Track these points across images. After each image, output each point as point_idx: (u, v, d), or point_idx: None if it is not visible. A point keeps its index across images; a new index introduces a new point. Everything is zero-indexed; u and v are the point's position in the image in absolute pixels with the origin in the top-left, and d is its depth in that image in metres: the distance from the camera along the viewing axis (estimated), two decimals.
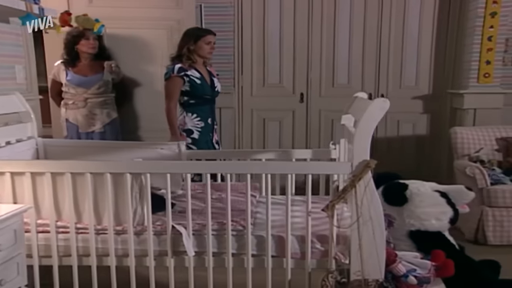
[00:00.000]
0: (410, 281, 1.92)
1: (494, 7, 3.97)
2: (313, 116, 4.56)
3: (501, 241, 3.34)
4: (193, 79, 3.23)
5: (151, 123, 4.27)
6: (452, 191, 2.40)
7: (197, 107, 3.28)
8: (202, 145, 3.27)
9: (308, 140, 4.63)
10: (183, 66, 3.22)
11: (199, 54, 3.29)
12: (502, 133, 3.83)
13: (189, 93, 3.26)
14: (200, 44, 3.27)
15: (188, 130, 3.28)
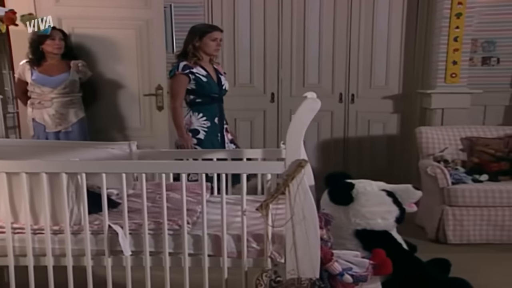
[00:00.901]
0: (346, 279, 1.93)
1: (459, 8, 4.00)
2: (284, 116, 4.57)
3: (461, 240, 3.36)
4: (199, 77, 3.13)
5: (121, 122, 4.28)
6: (399, 190, 2.41)
7: (203, 106, 3.16)
8: (207, 146, 3.16)
9: (279, 139, 4.62)
10: (188, 64, 3.13)
11: (205, 51, 3.18)
12: (467, 132, 3.86)
13: (195, 91, 3.17)
14: (205, 40, 3.16)
15: (194, 130, 3.18)
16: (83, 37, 4.01)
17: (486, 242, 3.36)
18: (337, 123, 4.55)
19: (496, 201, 3.31)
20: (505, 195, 3.30)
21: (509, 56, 4.53)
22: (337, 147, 4.59)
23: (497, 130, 3.88)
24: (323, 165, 4.59)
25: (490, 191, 3.31)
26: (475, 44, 4.52)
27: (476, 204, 3.31)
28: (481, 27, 4.44)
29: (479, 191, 3.32)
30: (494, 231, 3.35)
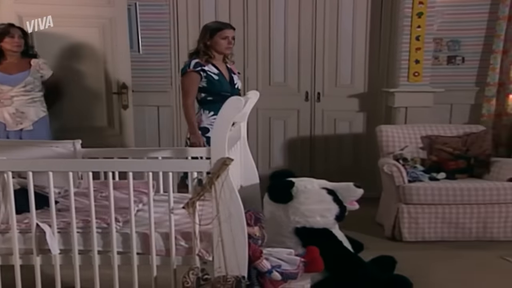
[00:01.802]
0: (274, 276, 1.95)
1: (420, 7, 4.03)
2: (251, 115, 4.54)
3: (416, 237, 3.39)
4: (210, 75, 3.11)
5: (87, 121, 4.27)
6: (340, 188, 2.43)
7: (214, 105, 3.08)
8: None
9: None
10: (200, 61, 3.11)
11: (216, 50, 3.15)
12: (428, 131, 3.89)
13: (206, 89, 3.14)
14: (216, 39, 3.13)
15: (203, 128, 3.14)
16: (45, 36, 3.99)
17: (441, 239, 3.39)
18: (303, 122, 4.57)
19: (450, 199, 3.33)
20: (459, 192, 3.33)
21: (473, 55, 4.57)
22: (303, 146, 4.61)
23: (457, 129, 3.91)
24: (289, 164, 4.61)
25: (445, 189, 3.34)
26: (440, 43, 4.56)
27: (431, 202, 3.34)
28: (446, 27, 4.47)
29: (434, 189, 3.34)
30: (449, 228, 3.38)
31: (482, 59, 4.55)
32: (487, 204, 3.35)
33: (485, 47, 4.52)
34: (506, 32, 4.39)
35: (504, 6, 4.32)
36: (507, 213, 3.36)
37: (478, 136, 3.75)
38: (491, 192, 3.32)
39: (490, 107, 4.55)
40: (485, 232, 3.37)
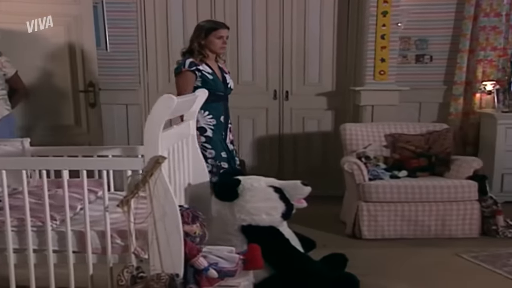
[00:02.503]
0: (211, 274, 1.95)
1: (385, 6, 4.05)
2: None
3: (376, 235, 3.41)
4: (205, 75, 3.09)
5: (53, 119, 4.25)
6: (287, 186, 2.43)
7: (209, 104, 3.06)
8: (217, 144, 3.13)
9: None
10: (194, 61, 3.08)
11: (211, 49, 3.14)
12: (392, 129, 3.91)
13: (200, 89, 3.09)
14: (211, 38, 3.11)
15: (201, 128, 3.10)
16: (9, 33, 3.96)
17: (400, 237, 3.41)
18: (272, 120, 4.57)
19: (409, 197, 3.36)
20: (417, 190, 3.36)
21: (441, 54, 4.60)
22: (272, 144, 4.61)
23: (421, 127, 3.94)
24: (258, 162, 4.62)
25: (403, 187, 3.36)
26: (409, 42, 4.59)
27: (390, 200, 3.37)
28: (414, 26, 4.50)
29: (393, 187, 3.37)
30: (408, 226, 3.41)
31: (450, 58, 4.59)
32: (446, 202, 3.39)
33: (452, 46, 4.57)
34: (472, 32, 4.44)
35: (469, 6, 4.36)
36: (465, 211, 3.39)
37: (440, 135, 3.78)
38: (449, 190, 3.36)
39: (458, 106, 4.59)
40: (444, 230, 3.40)
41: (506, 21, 4.39)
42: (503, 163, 4.25)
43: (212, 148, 3.10)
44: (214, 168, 3.05)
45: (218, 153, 3.12)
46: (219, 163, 3.09)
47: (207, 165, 3.02)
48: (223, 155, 3.13)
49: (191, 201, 2.51)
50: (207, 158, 3.06)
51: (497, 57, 4.45)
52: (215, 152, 3.12)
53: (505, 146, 4.23)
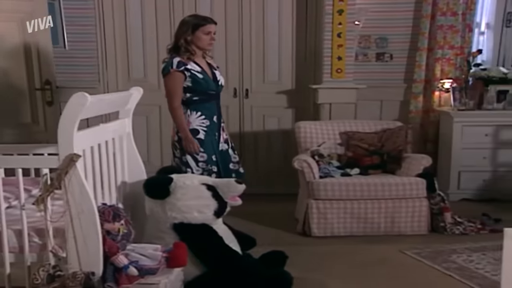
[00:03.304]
0: (130, 272, 1.95)
1: (340, 4, 4.07)
2: None
3: (325, 232, 3.42)
4: (194, 74, 2.93)
5: (9, 118, 4.19)
6: (221, 184, 2.44)
7: (201, 104, 2.97)
8: (208, 146, 2.99)
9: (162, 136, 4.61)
10: (182, 60, 2.91)
11: (198, 46, 2.97)
12: (347, 127, 3.93)
13: (191, 89, 2.95)
14: (198, 34, 2.94)
15: (193, 130, 2.97)
16: None
17: (350, 234, 3.43)
18: (232, 118, 4.56)
19: (357, 194, 3.38)
20: (366, 188, 3.38)
21: (401, 52, 4.63)
22: (233, 142, 4.60)
23: (376, 125, 3.96)
24: None
25: (352, 185, 3.38)
26: (369, 40, 4.61)
27: (339, 197, 3.38)
28: (374, 24, 4.53)
29: (341, 184, 3.39)
30: (358, 223, 3.43)
31: (409, 56, 4.62)
32: (395, 199, 3.41)
33: (411, 44, 4.60)
34: (430, 30, 4.47)
35: (426, 5, 4.40)
36: (414, 208, 3.43)
37: (393, 133, 3.81)
38: (397, 187, 3.39)
39: (418, 104, 4.62)
40: (393, 227, 3.43)
41: (463, 20, 4.43)
42: (459, 160, 4.30)
43: (204, 152, 2.97)
44: (205, 172, 2.94)
45: (209, 156, 3.00)
46: (211, 166, 2.99)
47: (197, 168, 2.93)
48: (214, 158, 3.02)
49: (128, 199, 2.51)
50: (198, 161, 2.96)
51: (454, 56, 4.49)
52: (207, 155, 2.99)
53: (461, 144, 4.28)
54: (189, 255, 2.32)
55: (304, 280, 2.68)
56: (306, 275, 2.78)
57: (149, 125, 4.60)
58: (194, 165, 2.96)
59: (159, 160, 4.63)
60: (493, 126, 4.25)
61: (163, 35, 4.41)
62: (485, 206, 4.15)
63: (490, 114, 4.27)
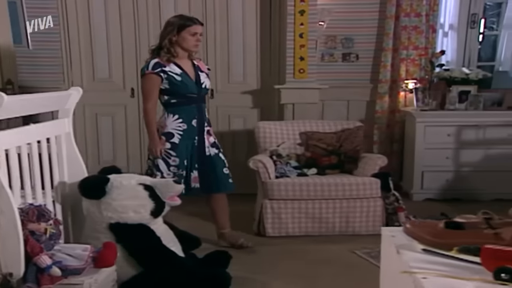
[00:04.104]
0: (53, 272, 1.94)
1: (302, 5, 4.08)
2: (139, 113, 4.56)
3: (280, 232, 3.43)
4: (171, 76, 2.86)
5: None
6: (159, 184, 2.44)
7: (179, 107, 2.92)
8: (182, 151, 2.95)
9: (141, 135, 4.61)
10: (160, 61, 2.87)
11: (183, 47, 2.92)
12: (307, 127, 3.94)
13: (169, 91, 2.91)
14: (184, 35, 2.89)
15: (168, 134, 2.93)
16: None
17: (305, 234, 3.44)
18: None
19: (311, 194, 3.39)
20: (319, 188, 3.39)
21: (367, 52, 4.65)
22: None
23: (336, 125, 3.97)
24: None
25: (305, 185, 3.39)
26: (335, 40, 4.63)
27: (292, 197, 3.39)
28: (339, 24, 4.54)
29: (295, 184, 3.39)
30: (313, 223, 3.44)
31: (375, 56, 4.64)
32: (350, 199, 3.42)
33: (377, 44, 4.61)
34: (395, 31, 4.49)
35: (390, 6, 4.41)
36: (368, 208, 3.44)
37: (351, 133, 3.82)
38: (350, 187, 3.40)
39: (383, 104, 4.64)
40: (348, 227, 3.44)
41: (426, 21, 4.45)
42: (422, 160, 4.32)
43: (177, 156, 2.94)
44: (176, 177, 2.84)
45: (181, 161, 2.96)
46: (182, 171, 2.97)
47: (168, 172, 2.91)
48: (185, 163, 2.99)
49: (67, 200, 2.51)
50: (170, 165, 2.94)
51: (419, 56, 4.51)
52: (179, 160, 2.96)
53: (424, 144, 4.30)
54: (125, 255, 2.34)
55: (248, 280, 2.69)
56: (252, 275, 2.79)
57: (115, 126, 4.60)
58: (166, 169, 2.95)
59: (125, 161, 4.64)
60: (455, 126, 4.27)
61: (128, 35, 4.42)
62: (447, 206, 4.16)
63: (452, 114, 4.29)
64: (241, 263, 2.99)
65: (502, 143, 4.20)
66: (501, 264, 0.90)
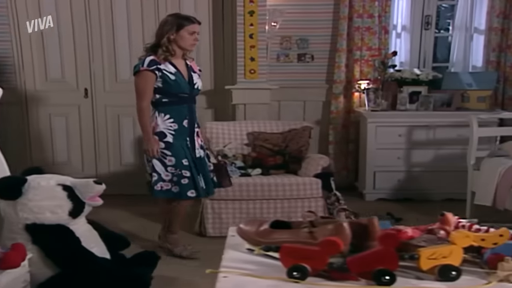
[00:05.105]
0: None
1: (251, 5, 4.09)
2: (99, 111, 4.56)
3: (220, 232, 3.42)
4: (166, 74, 2.82)
5: None
6: (78, 184, 2.42)
7: (171, 107, 2.88)
8: (178, 150, 2.90)
9: (95, 135, 4.60)
10: (156, 59, 2.81)
11: (180, 46, 2.87)
12: (255, 127, 3.95)
13: (161, 90, 2.85)
14: (182, 33, 2.84)
15: (160, 133, 2.88)
16: None
17: None
18: None
19: (251, 194, 3.40)
20: (259, 188, 3.40)
21: (322, 53, 4.67)
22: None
23: (283, 125, 3.98)
24: (141, 160, 4.58)
25: (245, 185, 3.40)
26: (290, 41, 4.65)
27: (233, 197, 3.40)
28: (294, 25, 4.56)
29: (235, 185, 3.39)
30: None
31: (330, 57, 4.66)
32: (291, 199, 3.44)
33: (332, 45, 4.64)
34: (348, 32, 4.51)
35: (343, 7, 4.43)
36: (310, 208, 3.43)
37: (297, 133, 3.83)
38: (291, 187, 3.41)
39: (338, 104, 4.66)
40: None
41: (379, 22, 4.47)
42: (374, 160, 4.35)
43: (172, 155, 2.88)
44: (175, 177, 2.88)
45: (179, 160, 2.90)
46: (180, 171, 2.89)
47: (166, 174, 2.87)
48: (185, 162, 2.91)
49: None
50: (167, 166, 2.88)
51: (372, 57, 4.53)
52: (176, 159, 2.90)
53: (375, 144, 4.32)
54: (42, 256, 2.33)
55: (177, 280, 2.70)
56: (181, 274, 2.79)
57: (69, 126, 4.58)
58: (163, 170, 2.90)
59: (80, 162, 4.63)
60: (406, 127, 4.31)
61: (80, 34, 4.40)
62: (399, 206, 4.21)
63: (403, 115, 4.32)
64: (176, 263, 3.01)
65: (452, 143, 4.23)
66: (296, 262, 0.91)
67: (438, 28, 5.27)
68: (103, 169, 4.60)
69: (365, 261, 0.90)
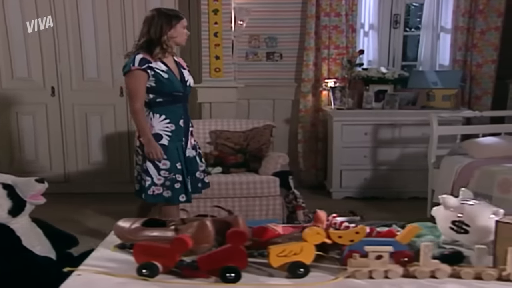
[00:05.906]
0: None
1: (215, 4, 4.09)
2: (67, 111, 4.55)
3: None
4: (158, 73, 2.64)
5: None
6: (20, 183, 2.41)
7: (166, 107, 2.71)
8: (172, 153, 2.74)
9: (64, 135, 4.59)
10: (146, 57, 2.61)
11: (177, 41, 2.72)
12: (218, 126, 3.95)
13: (155, 89, 2.67)
14: (178, 28, 2.67)
15: (156, 135, 2.70)
16: None
17: None
18: (120, 117, 4.56)
19: (208, 193, 3.35)
20: (217, 186, 3.39)
21: (290, 51, 4.68)
22: (122, 140, 4.60)
23: (247, 124, 3.99)
24: (108, 158, 4.62)
25: None
26: (258, 39, 4.65)
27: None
28: (263, 24, 4.57)
29: None
30: None
31: (298, 55, 4.67)
32: (249, 198, 3.44)
33: (300, 44, 4.65)
34: (316, 30, 4.51)
35: (311, 5, 4.44)
36: (268, 206, 3.46)
37: (258, 131, 3.84)
38: (248, 185, 3.42)
39: (307, 103, 4.67)
40: None
41: (346, 21, 4.48)
42: (340, 159, 4.36)
43: (167, 159, 2.72)
44: (167, 181, 2.73)
45: (173, 164, 2.75)
46: (174, 175, 2.75)
47: (159, 177, 2.72)
48: (178, 166, 2.76)
49: None
50: (160, 169, 2.73)
51: (340, 56, 4.54)
52: (170, 163, 2.74)
53: (341, 143, 4.33)
54: None
55: None
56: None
57: (36, 124, 4.56)
58: (155, 173, 2.74)
59: (48, 160, 4.62)
60: (372, 125, 4.32)
61: (46, 32, 4.38)
62: (365, 204, 4.21)
63: (369, 113, 4.33)
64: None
65: (417, 141, 4.24)
66: (148, 259, 0.92)
67: (408, 27, 5.29)
68: (71, 167, 4.60)
69: (214, 259, 0.90)
